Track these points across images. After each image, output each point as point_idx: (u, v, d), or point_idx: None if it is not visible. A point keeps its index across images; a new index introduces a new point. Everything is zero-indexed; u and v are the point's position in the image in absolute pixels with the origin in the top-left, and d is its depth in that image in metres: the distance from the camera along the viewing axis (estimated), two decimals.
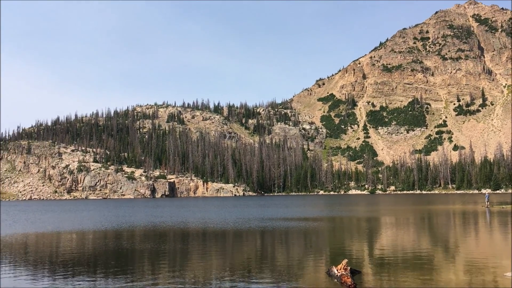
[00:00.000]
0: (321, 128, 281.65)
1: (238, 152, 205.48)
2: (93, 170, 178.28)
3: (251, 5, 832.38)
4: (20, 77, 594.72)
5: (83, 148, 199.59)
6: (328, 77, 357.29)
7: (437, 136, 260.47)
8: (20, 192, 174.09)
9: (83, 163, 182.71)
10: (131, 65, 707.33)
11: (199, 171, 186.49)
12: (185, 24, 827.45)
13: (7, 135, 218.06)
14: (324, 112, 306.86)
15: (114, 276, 18.03)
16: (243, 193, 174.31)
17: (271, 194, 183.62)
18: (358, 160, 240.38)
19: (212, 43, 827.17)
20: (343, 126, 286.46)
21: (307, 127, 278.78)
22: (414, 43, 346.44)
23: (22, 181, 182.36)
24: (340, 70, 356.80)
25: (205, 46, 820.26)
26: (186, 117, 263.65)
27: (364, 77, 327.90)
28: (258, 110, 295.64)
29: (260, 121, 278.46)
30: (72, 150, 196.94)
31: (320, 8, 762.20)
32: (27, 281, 17.28)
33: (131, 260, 22.45)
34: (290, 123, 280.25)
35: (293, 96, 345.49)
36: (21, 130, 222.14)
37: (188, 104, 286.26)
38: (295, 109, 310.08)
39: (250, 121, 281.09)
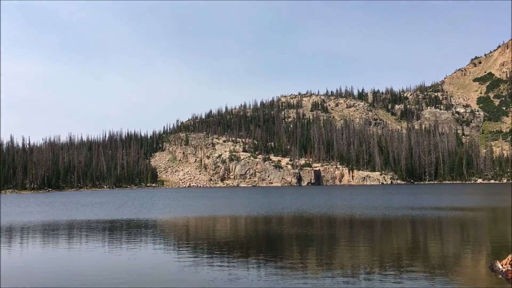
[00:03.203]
0: (477, 111, 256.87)
1: (385, 139, 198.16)
2: (242, 159, 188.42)
3: None
4: (177, 75, 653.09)
5: (233, 138, 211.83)
6: (485, 55, 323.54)
7: None
8: (181, 180, 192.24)
9: (233, 153, 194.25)
10: (275, 56, 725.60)
11: (344, 159, 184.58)
12: (322, 10, 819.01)
13: (168, 128, 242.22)
14: (481, 93, 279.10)
15: (265, 257, 18.88)
16: (391, 182, 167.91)
17: (421, 182, 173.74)
18: None
19: (352, 27, 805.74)
20: (504, 108, 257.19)
21: (461, 110, 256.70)
22: None
23: (182, 170, 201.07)
24: (499, 46, 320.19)
25: (346, 31, 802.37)
26: (329, 105, 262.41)
27: None
28: (405, 95, 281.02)
29: (408, 106, 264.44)
30: (224, 141, 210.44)
31: None
32: (189, 257, 19.04)
33: (280, 244, 23.27)
34: (442, 107, 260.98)
35: (445, 78, 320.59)
36: (179, 124, 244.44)
37: (332, 92, 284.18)
38: (446, 92, 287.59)
39: (396, 106, 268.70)
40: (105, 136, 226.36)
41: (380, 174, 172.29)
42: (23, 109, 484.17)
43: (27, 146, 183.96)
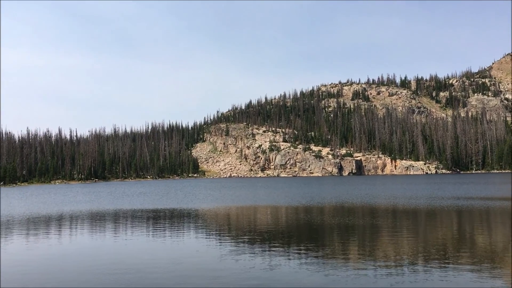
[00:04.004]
0: None
1: (429, 127, 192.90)
2: (283, 149, 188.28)
3: None
4: (216, 66, 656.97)
5: (273, 128, 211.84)
6: None
7: None
8: (222, 170, 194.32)
9: (273, 143, 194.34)
10: (314, 45, 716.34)
11: (387, 148, 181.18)
12: None
13: (208, 119, 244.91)
14: None
15: (306, 246, 18.85)
16: (436, 171, 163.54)
17: (468, 172, 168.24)
18: None
19: (394, 12, 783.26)
20: None
21: (510, 97, 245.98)
22: None
23: (223, 160, 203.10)
24: None
25: (387, 16, 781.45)
26: (371, 93, 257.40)
27: None
28: (450, 82, 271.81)
29: (453, 93, 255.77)
30: (264, 131, 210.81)
31: None
32: (230, 244, 19.27)
33: (321, 233, 23.16)
34: (489, 94, 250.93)
35: (493, 63, 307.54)
36: (220, 115, 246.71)
37: (373, 80, 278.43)
38: (495, 78, 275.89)
39: (441, 93, 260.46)
40: (148, 127, 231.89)
41: (424, 164, 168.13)
42: (69, 102, 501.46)
43: (75, 138, 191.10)
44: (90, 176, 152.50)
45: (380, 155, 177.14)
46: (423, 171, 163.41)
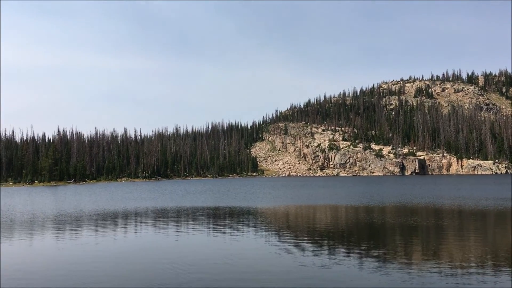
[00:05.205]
0: None
1: (498, 125, 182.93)
2: (342, 148, 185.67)
3: None
4: (274, 65, 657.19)
5: (332, 127, 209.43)
6: None
7: None
8: (280, 169, 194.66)
9: (333, 142, 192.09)
10: (373, 39, 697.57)
11: (452, 147, 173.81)
12: None
13: (267, 118, 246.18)
14: None
15: (366, 245, 18.57)
16: (506, 171, 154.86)
17: None
18: None
19: (458, 7, 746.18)
20: None
21: None
22: None
23: (281, 159, 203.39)
24: None
25: (452, 8, 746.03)
26: (435, 90, 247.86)
27: None
28: None
29: None
30: (323, 130, 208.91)
31: None
32: (289, 242, 19.34)
33: (383, 233, 22.70)
34: None
35: None
36: (278, 114, 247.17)
37: (437, 76, 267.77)
38: None
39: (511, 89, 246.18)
40: (208, 127, 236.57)
41: (493, 163, 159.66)
42: (133, 103, 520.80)
43: (139, 137, 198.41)
44: (153, 175, 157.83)
45: (445, 154, 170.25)
46: (492, 171, 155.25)
